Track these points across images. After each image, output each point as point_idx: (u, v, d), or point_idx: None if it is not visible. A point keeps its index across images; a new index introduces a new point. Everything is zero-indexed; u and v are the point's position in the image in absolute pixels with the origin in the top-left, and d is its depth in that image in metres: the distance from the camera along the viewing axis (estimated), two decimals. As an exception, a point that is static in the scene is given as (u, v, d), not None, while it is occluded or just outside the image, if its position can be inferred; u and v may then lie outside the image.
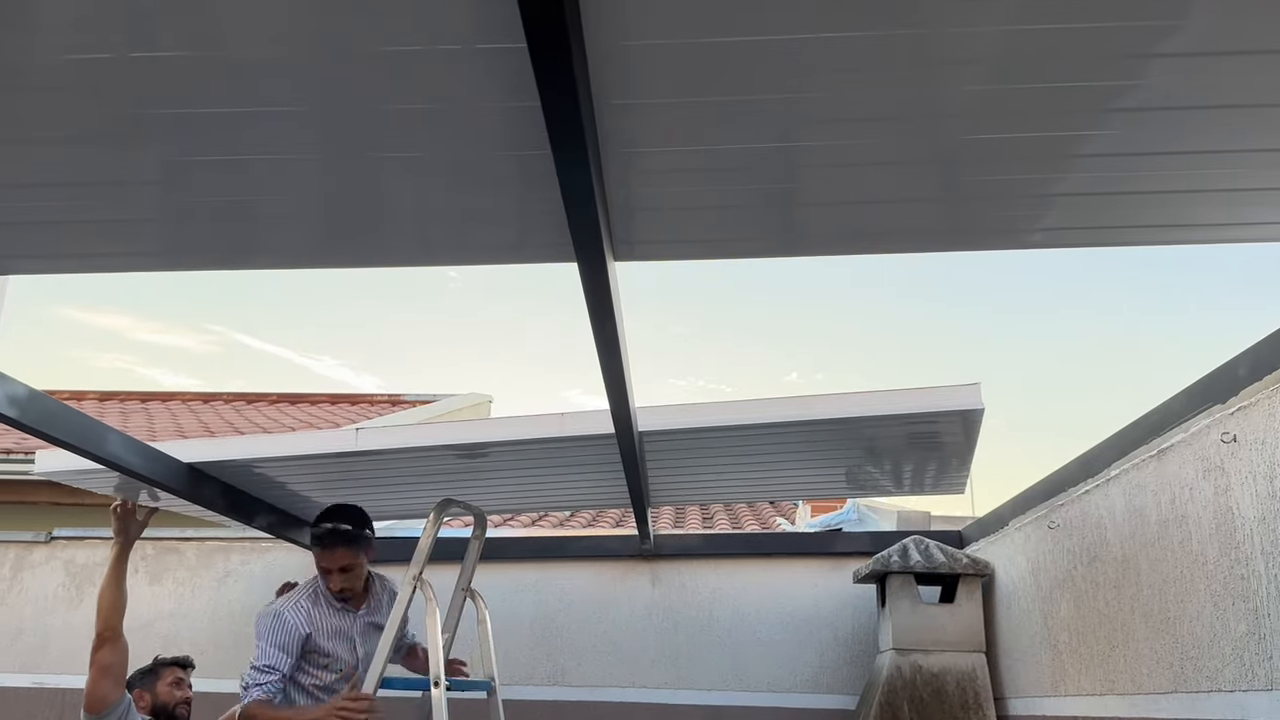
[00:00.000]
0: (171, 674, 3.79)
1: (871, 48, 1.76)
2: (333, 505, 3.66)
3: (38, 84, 1.89)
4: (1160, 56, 1.77)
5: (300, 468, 4.12)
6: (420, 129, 1.99)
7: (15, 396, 2.81)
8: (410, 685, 3.62)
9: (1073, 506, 3.50)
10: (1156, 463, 2.87)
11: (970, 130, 2.04)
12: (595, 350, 2.69)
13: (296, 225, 2.52)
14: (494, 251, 2.63)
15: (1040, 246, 2.65)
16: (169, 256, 2.78)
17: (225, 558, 5.79)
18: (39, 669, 5.68)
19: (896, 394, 3.60)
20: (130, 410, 10.28)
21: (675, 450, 3.97)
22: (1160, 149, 2.11)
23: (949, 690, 4.25)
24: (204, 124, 2.00)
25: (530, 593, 5.47)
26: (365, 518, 3.61)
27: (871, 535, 5.42)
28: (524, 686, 5.27)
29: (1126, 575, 3.06)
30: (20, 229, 2.55)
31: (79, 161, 2.17)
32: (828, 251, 2.61)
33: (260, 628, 3.51)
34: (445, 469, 4.21)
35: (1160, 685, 2.82)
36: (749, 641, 5.24)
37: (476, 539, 3.92)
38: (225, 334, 29.22)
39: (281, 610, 3.50)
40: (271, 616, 3.50)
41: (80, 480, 4.15)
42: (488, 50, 1.73)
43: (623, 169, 2.11)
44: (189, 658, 3.92)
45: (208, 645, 5.58)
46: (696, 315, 33.78)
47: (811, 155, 2.12)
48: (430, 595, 3.36)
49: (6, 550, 5.96)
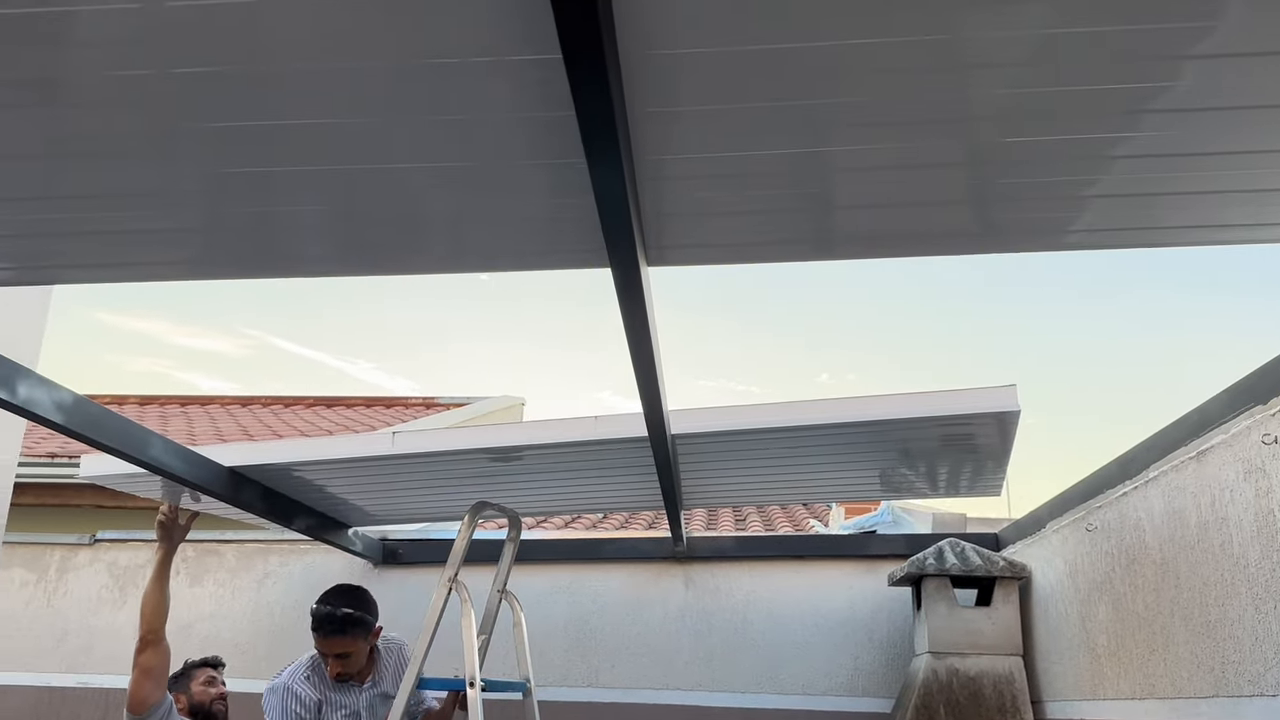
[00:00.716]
0: (203, 674, 3.84)
1: (903, 52, 1.76)
2: (333, 588, 3.65)
3: (81, 99, 1.94)
4: (1194, 58, 1.76)
5: (338, 471, 4.17)
6: (454, 140, 2.02)
7: (62, 402, 2.87)
8: (446, 685, 3.65)
9: (1111, 509, 3.47)
10: (1196, 464, 2.84)
11: (1003, 133, 2.03)
12: (628, 354, 2.70)
13: (332, 235, 2.56)
14: (527, 258, 2.65)
15: (1075, 248, 2.64)
16: (207, 266, 2.83)
17: (264, 560, 5.87)
18: (84, 669, 5.79)
19: (931, 396, 3.59)
20: (170, 414, 10.44)
21: (708, 453, 3.98)
22: (1194, 150, 2.09)
23: (986, 693, 4.22)
24: (241, 137, 2.04)
25: (564, 594, 5.50)
26: (366, 600, 3.60)
27: (907, 538, 5.40)
28: (559, 688, 5.29)
29: (1166, 578, 3.03)
30: (64, 239, 2.60)
31: (120, 174, 2.22)
32: (860, 255, 2.60)
33: (270, 705, 3.55)
34: (480, 471, 4.24)
35: (1201, 689, 2.79)
36: (783, 644, 5.24)
37: (511, 541, 3.95)
38: (261, 338, 29.58)
39: (289, 684, 3.56)
40: (282, 692, 3.55)
41: (124, 484, 4.22)
42: (519, 62, 1.75)
43: (654, 175, 2.12)
44: (218, 657, 3.97)
45: (247, 645, 5.66)
46: (726, 316, 33.73)
47: (843, 160, 2.13)
48: (465, 597, 3.39)
49: (52, 552, 6.08)
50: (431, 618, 3.45)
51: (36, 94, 1.91)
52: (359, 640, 3.54)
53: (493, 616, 3.91)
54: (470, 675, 3.29)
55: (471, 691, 3.26)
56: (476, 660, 3.34)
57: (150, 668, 3.42)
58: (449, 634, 3.47)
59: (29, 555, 6.05)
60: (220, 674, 3.91)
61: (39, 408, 2.78)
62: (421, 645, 3.42)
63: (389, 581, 5.68)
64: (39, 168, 2.20)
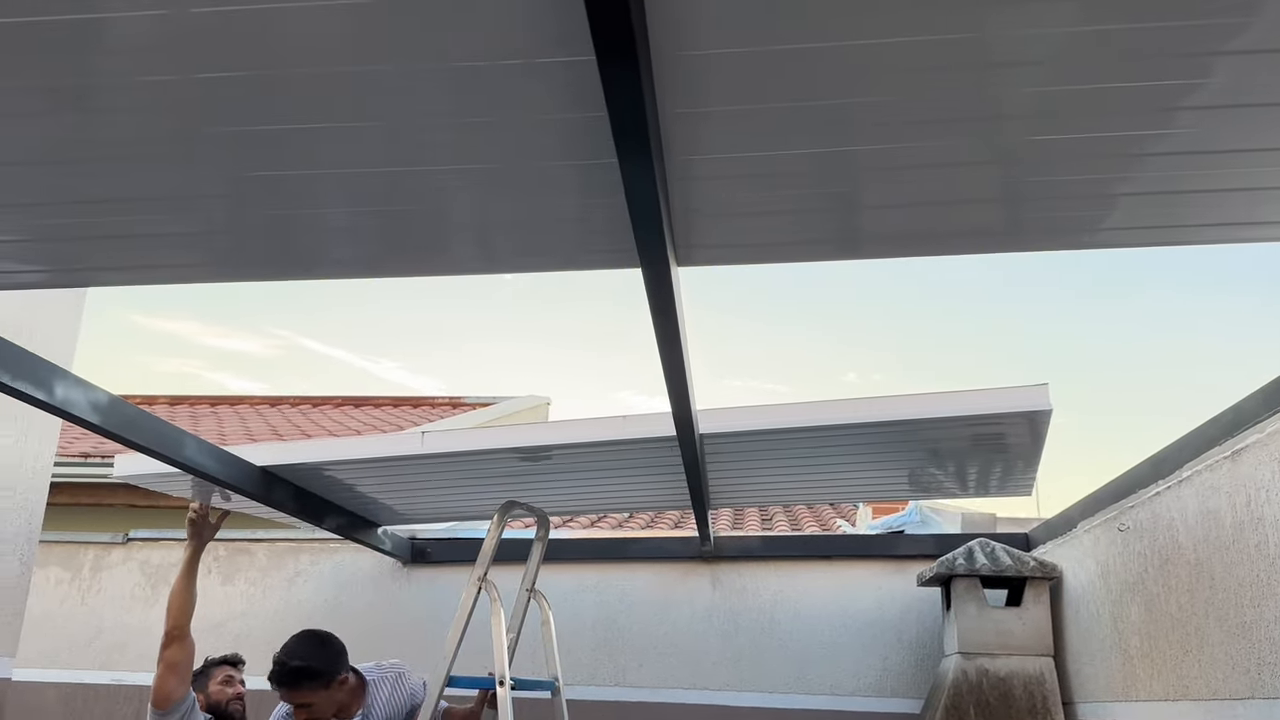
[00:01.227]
0: (221, 673, 3.86)
1: (931, 51, 1.75)
2: (297, 634, 3.54)
3: (111, 105, 1.96)
4: (1227, 54, 1.75)
5: (368, 470, 4.20)
6: (483, 142, 2.03)
7: (97, 403, 2.91)
8: (476, 684, 3.66)
9: (1143, 508, 3.44)
10: (1231, 464, 2.81)
11: (1032, 131, 2.02)
12: (656, 354, 2.71)
13: (360, 237, 2.58)
14: (557, 258, 2.66)
15: (1103, 246, 2.62)
16: (236, 268, 2.86)
17: (295, 559, 5.92)
18: (118, 666, 5.86)
19: (961, 395, 3.57)
20: (200, 414, 10.55)
21: (736, 452, 3.98)
22: (1226, 147, 2.07)
23: (1016, 694, 4.20)
24: (269, 140, 2.06)
25: (591, 594, 5.51)
26: (324, 650, 3.48)
27: (936, 538, 5.37)
28: (586, 687, 5.31)
29: (1200, 579, 3.00)
30: (95, 242, 2.64)
31: (148, 178, 2.24)
32: (888, 254, 2.59)
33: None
34: (508, 471, 4.26)
35: (1236, 691, 2.76)
36: (811, 644, 5.23)
37: (540, 540, 3.97)
38: (289, 338, 29.82)
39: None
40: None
41: (158, 484, 4.27)
42: (548, 64, 1.76)
43: (684, 175, 2.13)
44: (237, 655, 3.98)
45: (278, 643, 5.69)
46: (752, 316, 33.68)
47: (872, 159, 2.12)
48: (495, 596, 3.41)
49: (86, 551, 6.16)
50: (461, 616, 3.47)
51: (66, 100, 1.94)
52: (316, 692, 3.42)
53: (521, 615, 3.92)
54: (500, 674, 3.31)
55: (501, 690, 3.28)
56: (506, 659, 3.36)
57: (175, 663, 3.46)
58: (478, 633, 3.49)
59: (64, 554, 6.14)
60: (239, 672, 3.92)
61: (75, 408, 2.83)
62: (451, 643, 3.45)
63: (418, 580, 5.72)
64: (67, 172, 2.23)
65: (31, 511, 4.14)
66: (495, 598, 3.41)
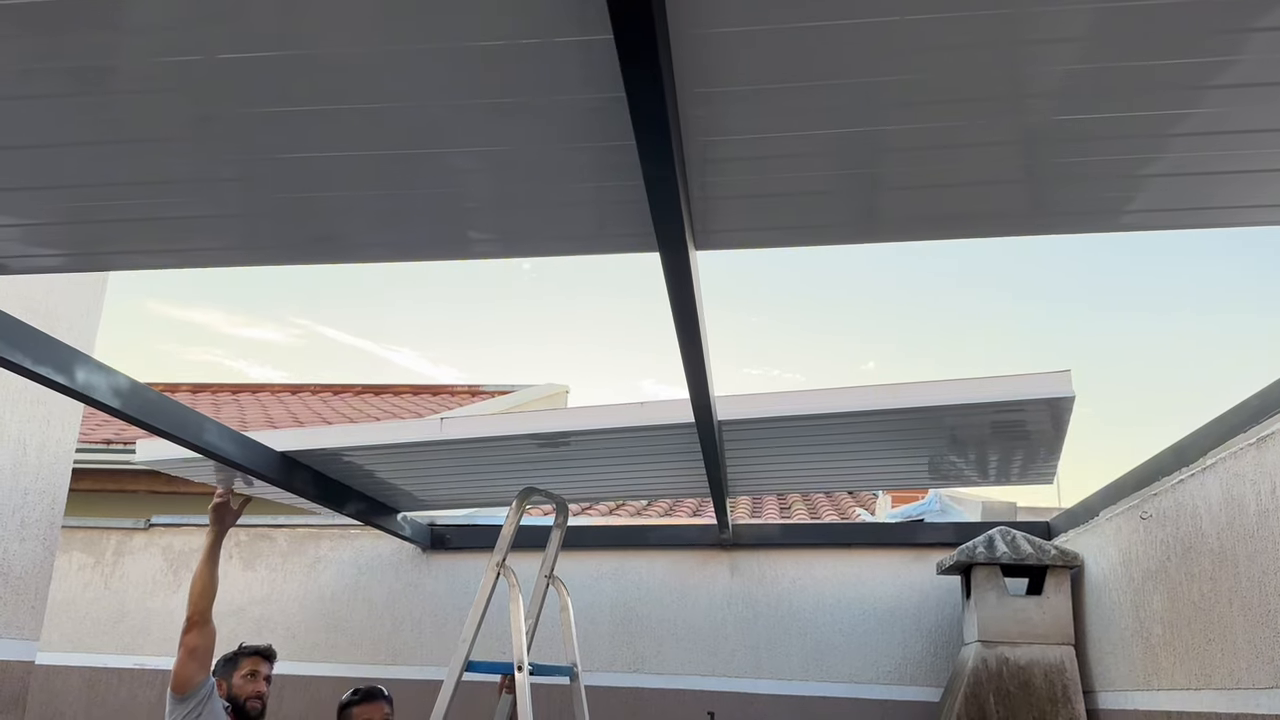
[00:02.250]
0: (250, 664, 3.78)
1: (958, 28, 1.73)
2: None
3: (132, 87, 1.96)
4: (1258, 31, 1.71)
5: (388, 456, 4.21)
6: (500, 124, 2.02)
7: (119, 388, 2.93)
8: (495, 669, 3.68)
9: (1166, 496, 3.41)
10: (1256, 451, 2.78)
11: (1059, 110, 1.99)
12: (675, 339, 2.70)
13: (378, 220, 2.57)
14: (574, 242, 2.64)
15: (1130, 229, 2.58)
16: (256, 251, 2.85)
17: (315, 544, 5.95)
18: (141, 651, 5.91)
19: (982, 382, 3.54)
20: (221, 402, 10.60)
21: (755, 439, 3.96)
22: (1258, 126, 2.03)
23: (1036, 683, 4.17)
24: (289, 122, 2.05)
25: (610, 580, 5.52)
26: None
27: (956, 526, 5.35)
28: (605, 673, 5.32)
29: (1223, 567, 2.97)
30: (116, 225, 2.64)
31: (169, 160, 2.24)
32: (910, 237, 2.56)
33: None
34: (527, 457, 4.26)
35: (1260, 680, 2.73)
36: (830, 632, 5.22)
37: (559, 527, 3.97)
38: (310, 327, 29.96)
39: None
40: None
41: (180, 469, 4.30)
42: (564, 44, 1.74)
43: (703, 158, 2.11)
44: (270, 647, 3.92)
45: (299, 629, 5.75)
46: (770, 304, 33.59)
47: (894, 139, 2.10)
48: (514, 581, 3.41)
49: (108, 537, 6.22)
50: (480, 601, 3.48)
51: (87, 81, 1.93)
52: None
53: (540, 601, 3.93)
54: (519, 659, 3.32)
55: (520, 675, 3.29)
56: (525, 644, 3.37)
57: (195, 648, 3.47)
58: (498, 618, 3.50)
59: (86, 539, 6.19)
60: (268, 666, 3.85)
61: (97, 393, 2.84)
62: (470, 628, 3.46)
63: (437, 566, 5.74)
64: (90, 154, 2.23)
65: (54, 497, 4.17)
66: (514, 583, 3.41)
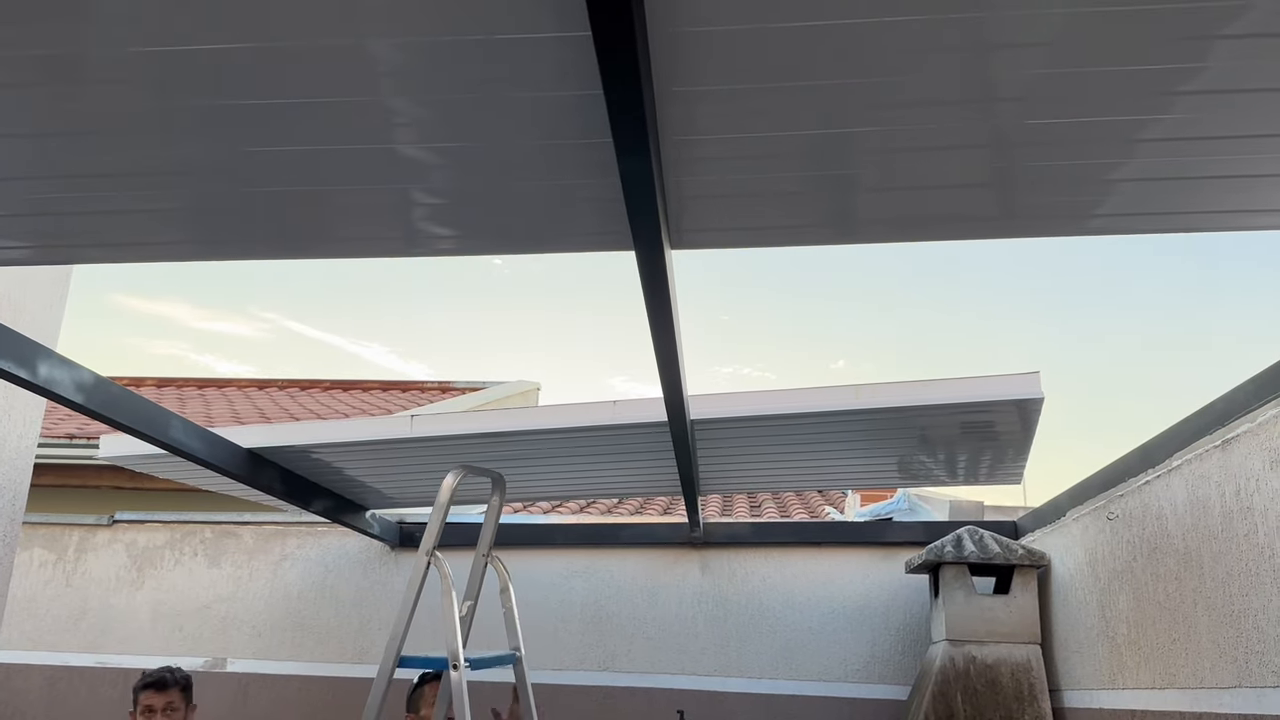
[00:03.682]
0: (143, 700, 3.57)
1: (929, 31, 1.73)
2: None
3: (102, 76, 1.92)
4: (1226, 38, 1.73)
5: (357, 453, 4.18)
6: (473, 119, 2.00)
7: (82, 382, 2.88)
8: (429, 664, 3.42)
9: (1133, 497, 3.44)
10: (1221, 453, 2.81)
11: (1029, 114, 2.00)
12: (649, 338, 2.69)
13: (348, 215, 2.54)
14: (548, 240, 2.63)
15: (1100, 233, 2.60)
16: (224, 246, 2.81)
17: (282, 542, 5.90)
18: (102, 649, 5.83)
19: (951, 383, 3.56)
20: (187, 396, 10.49)
21: (727, 438, 3.96)
22: (1225, 133, 2.05)
23: (1003, 681, 4.21)
24: (266, 115, 2.02)
25: (580, 579, 5.51)
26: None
27: (924, 525, 5.39)
28: (576, 671, 5.31)
29: (1188, 568, 3.01)
30: (86, 218, 2.60)
31: (137, 152, 2.20)
32: (883, 239, 2.57)
33: None
34: (497, 455, 4.24)
35: (1223, 680, 2.77)
36: (799, 630, 5.24)
37: (495, 504, 3.70)
38: (278, 321, 29.70)
39: None
40: None
41: (144, 465, 4.24)
42: (544, 40, 1.73)
43: (679, 157, 2.11)
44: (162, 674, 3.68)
45: (265, 627, 5.69)
46: (741, 303, 33.66)
47: (867, 141, 2.10)
48: (445, 571, 3.19)
49: (71, 533, 6.13)
50: (410, 593, 3.27)
51: (54, 71, 1.90)
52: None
53: (479, 582, 3.69)
54: (453, 655, 3.08)
55: (455, 674, 3.07)
56: (460, 639, 3.15)
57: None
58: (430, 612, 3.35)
59: (48, 535, 6.10)
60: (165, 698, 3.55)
61: (59, 387, 2.79)
62: (400, 623, 3.25)
63: (405, 564, 5.71)
64: (56, 145, 2.19)
65: (15, 493, 4.10)
66: (446, 573, 3.17)
